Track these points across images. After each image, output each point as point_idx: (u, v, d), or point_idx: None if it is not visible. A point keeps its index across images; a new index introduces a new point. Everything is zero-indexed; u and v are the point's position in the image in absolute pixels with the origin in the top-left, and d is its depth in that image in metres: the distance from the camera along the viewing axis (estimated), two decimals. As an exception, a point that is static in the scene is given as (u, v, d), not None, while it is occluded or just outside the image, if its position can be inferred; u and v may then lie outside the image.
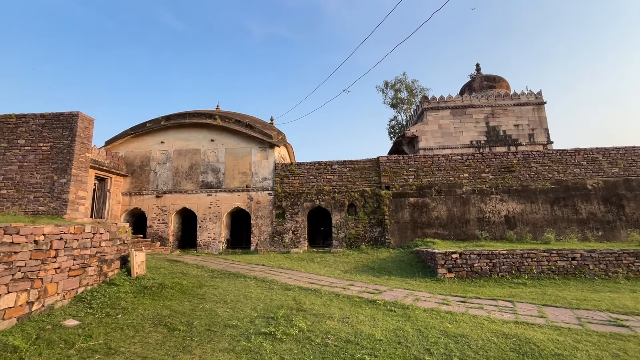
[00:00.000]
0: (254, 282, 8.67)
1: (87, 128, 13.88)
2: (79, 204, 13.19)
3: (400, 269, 11.11)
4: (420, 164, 15.80)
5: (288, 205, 15.81)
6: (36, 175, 13.02)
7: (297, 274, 10.12)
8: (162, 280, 7.83)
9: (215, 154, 16.67)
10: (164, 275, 8.68)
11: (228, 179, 16.35)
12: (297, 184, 16.11)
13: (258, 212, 15.92)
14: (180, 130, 17.01)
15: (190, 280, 8.33)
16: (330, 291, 7.76)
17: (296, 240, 15.49)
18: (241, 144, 16.67)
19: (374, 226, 15.34)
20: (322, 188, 15.90)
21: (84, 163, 13.51)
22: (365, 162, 16.20)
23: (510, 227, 14.67)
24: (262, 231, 15.72)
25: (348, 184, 15.95)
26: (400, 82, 40.20)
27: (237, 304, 6.63)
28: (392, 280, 9.68)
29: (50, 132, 13.36)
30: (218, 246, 15.72)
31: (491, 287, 8.96)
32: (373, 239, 15.21)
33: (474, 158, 15.81)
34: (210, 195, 16.19)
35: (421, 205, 15.21)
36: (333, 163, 16.25)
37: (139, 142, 17.03)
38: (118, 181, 16.27)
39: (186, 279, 8.38)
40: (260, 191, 16.10)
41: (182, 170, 16.58)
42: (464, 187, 15.34)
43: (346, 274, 10.40)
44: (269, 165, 16.36)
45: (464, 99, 22.39)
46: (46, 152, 13.23)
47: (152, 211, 16.18)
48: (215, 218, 15.96)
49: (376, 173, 15.98)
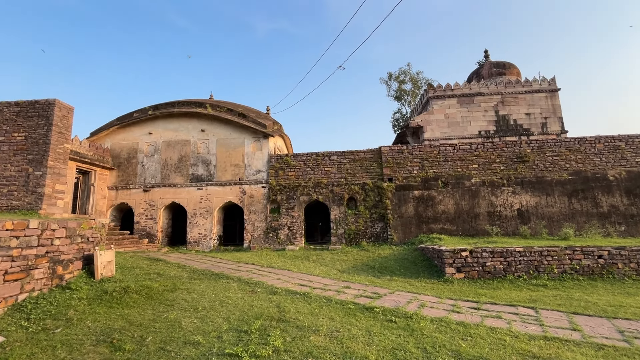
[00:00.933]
0: (237, 284, 7.65)
1: (66, 117, 12.91)
2: (56, 198, 12.26)
3: (404, 268, 10.03)
4: (425, 154, 14.64)
5: (283, 200, 14.77)
6: (10, 167, 12.10)
7: (288, 274, 9.09)
8: (129, 283, 6.85)
9: (206, 145, 15.66)
10: (135, 277, 7.70)
11: (220, 171, 15.34)
12: (293, 176, 15.05)
13: (251, 207, 14.91)
14: (169, 120, 16.01)
15: (164, 282, 7.34)
16: (321, 295, 6.71)
17: (292, 236, 14.47)
18: (233, 134, 15.62)
19: (375, 221, 14.25)
20: (319, 181, 14.83)
21: (62, 154, 12.57)
22: (366, 153, 15.08)
23: (523, 222, 13.49)
24: (256, 227, 14.72)
25: (348, 176, 14.85)
26: (404, 74, 38.77)
27: (209, 312, 5.61)
28: (394, 282, 8.61)
29: (25, 121, 12.41)
30: (209, 243, 14.76)
31: (507, 290, 7.85)
32: (374, 235, 14.14)
33: (483, 147, 14.60)
34: (200, 189, 15.20)
35: (426, 198, 14.07)
36: (331, 154, 15.15)
37: (126, 133, 16.06)
38: (103, 174, 15.35)
39: (159, 281, 7.40)
40: (254, 184, 15.07)
41: (171, 162, 15.60)
42: (473, 178, 14.16)
43: (343, 274, 9.36)
44: (263, 157, 15.31)
45: (471, 87, 21.08)
46: (21, 143, 12.30)
47: (140, 206, 15.25)
48: (206, 213, 14.98)
49: (378, 164, 14.85)
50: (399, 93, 39.19)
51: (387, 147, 14.87)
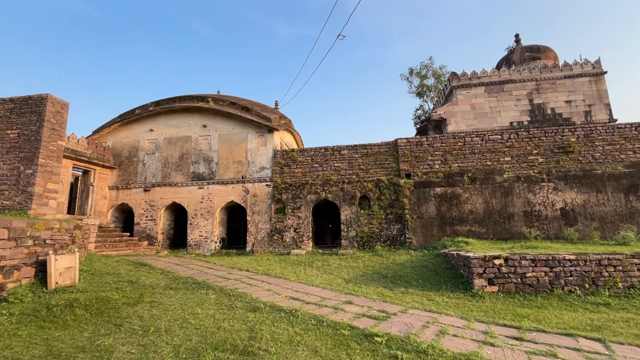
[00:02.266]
0: (216, 296, 6.39)
1: (60, 113, 12.31)
2: (48, 197, 11.61)
3: (422, 277, 8.40)
4: (448, 147, 12.86)
5: (289, 199, 13.47)
6: (2, 166, 11.58)
7: (283, 283, 7.74)
8: (83, 295, 5.76)
9: (207, 141, 14.69)
10: (100, 286, 6.63)
11: (222, 169, 14.30)
12: (299, 173, 13.73)
13: (255, 207, 13.72)
14: (170, 116, 15.21)
15: (131, 293, 6.20)
16: (312, 314, 5.29)
17: (298, 239, 13.12)
18: (236, 129, 14.56)
19: (391, 222, 12.63)
20: (328, 178, 13.41)
21: (55, 152, 11.94)
22: (381, 146, 13.50)
23: (569, 223, 11.39)
24: (260, 229, 13.51)
25: (360, 173, 13.33)
26: (426, 68, 36.64)
27: (161, 336, 4.36)
28: (410, 295, 7.03)
29: (18, 117, 11.89)
30: (210, 246, 13.71)
31: (557, 310, 6.08)
32: (390, 238, 12.51)
33: (517, 137, 12.62)
34: (202, 188, 14.22)
35: (450, 196, 12.28)
36: (341, 148, 13.70)
37: (128, 131, 15.42)
38: (104, 174, 14.74)
39: (125, 292, 6.27)
40: (258, 182, 13.89)
41: (172, 160, 14.76)
42: (506, 173, 12.22)
43: (348, 285, 7.87)
44: (267, 153, 14.11)
45: (501, 74, 18.92)
46: (13, 140, 11.77)
47: (140, 207, 14.49)
48: (207, 214, 13.96)
49: (394, 159, 13.23)
50: (421, 89, 37.13)
51: (404, 140, 13.22)
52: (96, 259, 9.28)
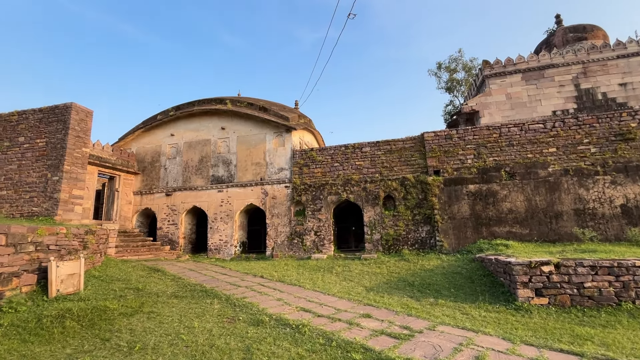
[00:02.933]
0: (220, 306, 5.85)
1: (84, 120, 12.58)
2: (74, 203, 11.83)
3: (455, 286, 7.36)
4: (482, 139, 11.60)
5: (309, 200, 12.83)
6: (32, 173, 11.96)
7: (296, 292, 7.07)
8: (79, 305, 5.43)
9: (226, 143, 14.47)
10: (105, 293, 6.34)
11: (240, 171, 13.99)
12: (319, 173, 13.06)
13: (274, 210, 13.23)
14: (190, 120, 15.20)
15: (131, 302, 5.82)
16: (322, 331, 4.56)
17: (319, 242, 12.42)
18: (254, 130, 14.20)
19: (419, 224, 11.57)
20: (350, 177, 12.61)
21: (79, 159, 12.18)
22: (405, 142, 12.49)
23: (632, 222, 9.73)
24: (279, 232, 12.99)
25: (383, 171, 12.41)
26: (455, 61, 34.74)
27: (145, 355, 3.84)
28: (439, 307, 6.07)
29: (46, 126, 12.26)
30: (230, 250, 13.39)
31: (628, 330, 4.87)
32: (419, 241, 11.45)
33: (563, 125, 11.10)
34: (221, 192, 13.99)
35: (486, 194, 11.02)
36: (363, 145, 12.86)
37: (150, 137, 15.62)
38: (128, 179, 14.99)
39: (126, 301, 5.90)
40: (276, 184, 13.40)
41: (192, 164, 14.69)
42: (551, 166, 10.75)
43: (369, 294, 7.04)
44: (285, 153, 13.60)
45: (540, 59, 17.13)
46: (42, 149, 12.13)
47: (162, 211, 14.54)
48: (227, 218, 13.68)
49: (420, 155, 12.18)
50: (450, 84, 35.27)
51: (432, 133, 12.12)
52: (113, 265, 9.17)
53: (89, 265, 7.99)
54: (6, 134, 12.62)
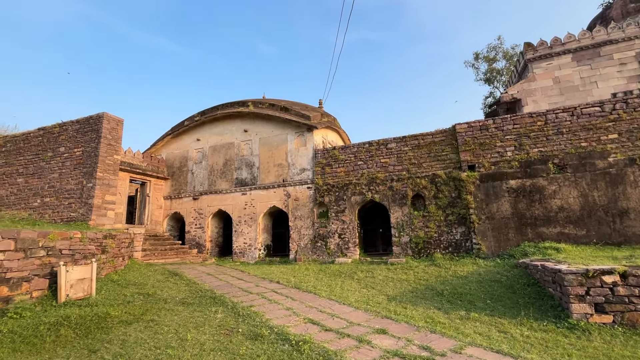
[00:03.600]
0: (224, 315, 5.46)
1: (115, 129, 13.09)
2: (106, 209, 12.30)
3: (492, 296, 6.35)
4: (524, 128, 10.25)
5: (332, 201, 12.24)
6: (70, 181, 12.63)
7: (310, 300, 6.52)
8: (81, 311, 5.34)
9: (249, 146, 14.36)
10: (114, 298, 6.25)
11: (263, 173, 13.78)
12: (342, 172, 12.42)
13: (296, 212, 12.81)
14: (214, 124, 15.34)
15: (136, 309, 5.65)
16: (324, 350, 3.96)
17: (344, 246, 11.76)
18: (276, 130, 13.94)
19: (452, 225, 10.47)
20: (375, 176, 11.82)
21: (111, 166, 12.67)
22: (435, 135, 11.44)
23: None
24: (302, 235, 12.53)
25: (411, 168, 11.46)
26: (494, 50, 32.26)
27: (125, 372, 3.51)
28: (471, 322, 5.18)
29: (83, 136, 12.90)
30: (254, 254, 13.19)
31: None
32: (453, 243, 10.36)
33: (626, 107, 9.44)
34: (245, 194, 13.88)
35: (530, 190, 9.67)
36: (388, 141, 12.01)
37: (178, 143, 16.02)
38: (158, 185, 15.45)
39: (133, 307, 5.75)
40: (299, 185, 12.98)
41: (217, 167, 14.77)
42: (611, 155, 9.16)
43: (390, 303, 6.29)
44: (307, 153, 13.14)
45: (595, 35, 15.05)
46: (79, 157, 12.78)
47: (190, 215, 14.77)
48: (251, 220, 13.51)
49: (452, 149, 11.07)
50: (490, 74, 32.81)
51: (464, 125, 10.97)
52: (135, 268, 9.28)
53: (109, 269, 8.10)
54: (49, 145, 13.47)
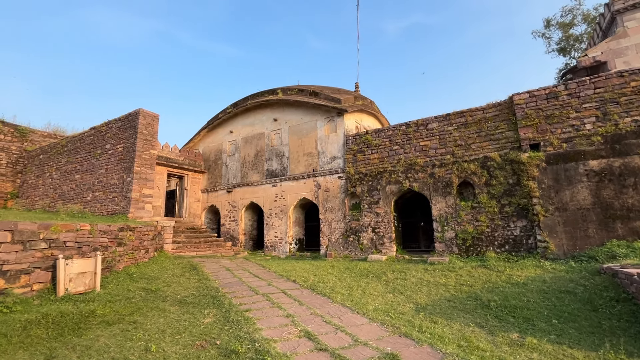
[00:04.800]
0: (212, 320, 4.75)
1: (151, 124, 13.40)
2: (144, 202, 12.66)
3: (561, 315, 4.68)
4: (611, 91, 7.87)
5: (364, 192, 11.00)
6: (114, 176, 13.25)
7: (319, 306, 5.53)
8: (62, 308, 5.04)
9: (279, 135, 13.72)
10: (117, 294, 5.97)
11: (293, 163, 13.04)
12: (375, 159, 11.09)
13: (327, 204, 11.83)
14: (246, 115, 15.01)
15: (127, 307, 5.24)
16: (301, 381, 2.95)
17: (378, 241, 10.49)
18: (305, 117, 13.05)
19: (509, 218, 8.56)
20: (413, 162, 10.29)
21: (148, 160, 12.99)
22: (487, 110, 9.50)
23: None
24: (333, 229, 11.53)
25: (456, 150, 9.70)
26: (571, 13, 27.17)
27: (56, 392, 2.92)
28: (526, 352, 3.73)
29: (123, 133, 13.43)
30: (284, 248, 12.57)
31: None
32: (510, 240, 8.47)
33: None
34: (275, 186, 13.30)
35: (620, 172, 7.37)
36: (428, 121, 10.34)
37: (213, 136, 16.06)
38: (196, 178, 15.68)
39: (125, 305, 5.36)
40: (329, 175, 11.97)
41: (249, 159, 14.43)
42: None
43: (418, 315, 5.01)
44: (338, 140, 12.04)
45: None
46: (120, 153, 13.34)
47: (225, 208, 14.70)
48: (281, 213, 12.90)
49: (508, 125, 9.06)
50: (565, 43, 27.85)
51: (525, 94, 8.85)
52: (159, 261, 9.20)
53: (129, 261, 8.04)
54: (98, 143, 14.29)
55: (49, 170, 16.08)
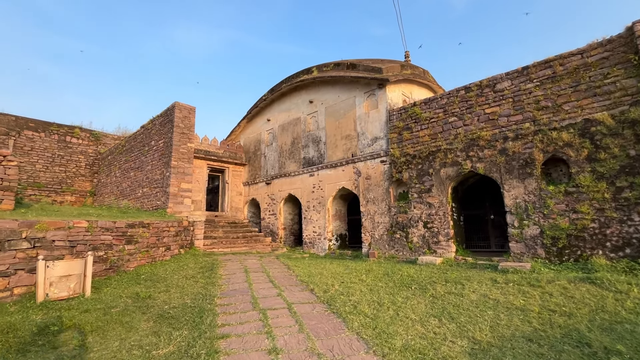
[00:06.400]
0: (173, 349, 3.54)
1: (187, 117, 13.12)
2: (183, 196, 12.44)
3: None
4: None
5: (413, 178, 8.89)
6: (157, 171, 13.34)
7: (325, 335, 3.95)
8: (38, 317, 4.31)
9: (315, 119, 12.24)
10: (102, 300, 5.20)
11: (330, 149, 11.45)
12: (426, 136, 8.85)
13: (368, 194, 9.99)
14: (282, 101, 13.85)
15: (96, 320, 4.36)
16: None
17: (431, 238, 8.33)
18: (342, 95, 11.31)
19: (631, 208, 5.73)
20: (476, 135, 7.84)
21: (185, 154, 12.75)
22: (589, 53, 6.58)
23: None
24: (377, 223, 9.66)
25: (539, 115, 7.00)
26: None
27: None
28: None
29: (163, 128, 13.42)
30: (323, 244, 11.12)
31: None
32: (635, 241, 5.65)
33: None
34: (312, 175, 11.90)
35: None
36: (497, 80, 7.74)
37: (252, 126, 15.32)
38: (237, 171, 15.16)
39: (98, 315, 4.50)
40: (370, 160, 10.09)
41: (286, 148, 13.28)
42: None
43: (471, 368, 3.08)
44: (379, 117, 10.05)
45: None
46: (162, 149, 13.36)
47: (264, 201, 13.86)
48: (319, 206, 11.46)
49: (626, 69, 6.09)
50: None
51: (656, 19, 5.79)
52: (182, 260, 8.56)
53: (143, 260, 7.46)
54: (146, 140, 14.57)
55: (113, 170, 17.20)
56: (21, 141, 16.58)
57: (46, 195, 16.89)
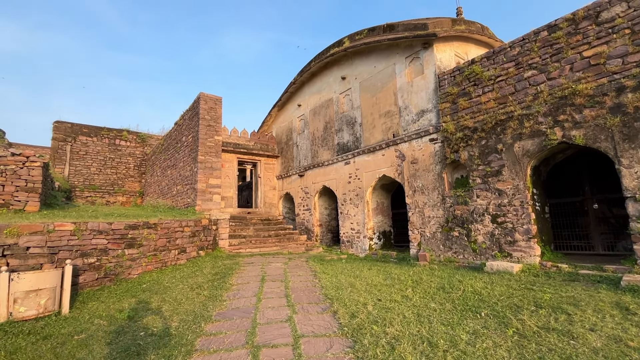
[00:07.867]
0: None
1: (213, 108, 12.31)
2: (211, 192, 11.67)
3: None
4: None
5: (474, 157, 6.77)
6: (187, 168, 12.81)
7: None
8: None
9: (348, 97, 10.52)
10: (75, 320, 4.22)
11: (367, 131, 9.66)
12: (490, 102, 6.65)
13: (415, 181, 8.03)
14: (312, 82, 12.34)
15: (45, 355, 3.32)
16: None
17: (504, 237, 6.19)
18: (379, 65, 9.41)
19: None
20: (569, 90, 5.51)
21: (212, 147, 11.95)
22: None
23: None
24: (427, 218, 7.69)
25: (683, 48, 4.50)
26: None
27: None
28: None
29: (191, 122, 12.84)
30: (363, 244, 9.42)
31: None
32: None
33: None
34: (348, 163, 10.24)
35: None
36: (601, 5, 5.29)
37: (284, 115, 14.07)
38: (269, 164, 14.06)
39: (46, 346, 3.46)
40: (416, 139, 8.10)
41: (318, 134, 11.77)
42: None
43: None
44: (426, 84, 8.00)
45: None
46: (190, 144, 12.78)
47: (298, 195, 12.55)
48: (357, 198, 9.77)
49: None
50: None
51: None
52: (198, 263, 7.57)
53: (150, 265, 6.56)
54: (178, 137, 14.16)
55: (156, 169, 17.29)
56: (76, 146, 17.35)
57: (100, 197, 17.54)
